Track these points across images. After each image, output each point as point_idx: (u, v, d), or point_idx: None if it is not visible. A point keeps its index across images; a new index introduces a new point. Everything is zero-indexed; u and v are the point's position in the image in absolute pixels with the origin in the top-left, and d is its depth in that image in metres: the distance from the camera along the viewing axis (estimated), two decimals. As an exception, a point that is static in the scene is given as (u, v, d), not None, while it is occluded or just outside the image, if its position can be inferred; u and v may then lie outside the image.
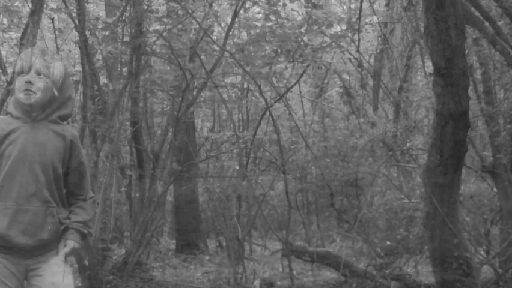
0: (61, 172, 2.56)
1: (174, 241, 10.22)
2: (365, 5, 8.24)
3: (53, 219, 2.51)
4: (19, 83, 2.53)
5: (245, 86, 9.32)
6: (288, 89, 8.08)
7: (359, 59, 8.99)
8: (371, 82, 10.84)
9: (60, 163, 2.55)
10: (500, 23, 5.58)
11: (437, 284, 5.12)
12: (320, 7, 6.85)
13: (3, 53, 9.64)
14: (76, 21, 6.27)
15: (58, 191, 2.56)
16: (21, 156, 2.47)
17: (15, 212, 2.44)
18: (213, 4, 7.43)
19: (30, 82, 2.50)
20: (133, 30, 6.69)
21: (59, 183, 2.56)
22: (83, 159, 2.66)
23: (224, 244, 8.78)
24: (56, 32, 7.15)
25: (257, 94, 8.53)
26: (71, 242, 2.56)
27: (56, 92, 2.55)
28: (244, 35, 8.89)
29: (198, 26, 7.03)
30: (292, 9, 8.09)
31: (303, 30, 6.98)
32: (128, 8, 6.76)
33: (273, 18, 7.04)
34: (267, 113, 7.32)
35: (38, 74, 2.52)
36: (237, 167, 8.65)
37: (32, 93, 2.50)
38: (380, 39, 10.37)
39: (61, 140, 2.56)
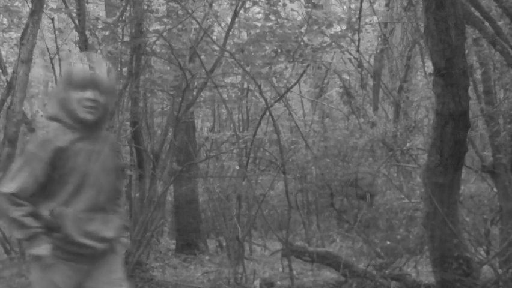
0: (115, 178, 2.65)
1: (174, 241, 10.22)
2: (365, 5, 8.24)
3: (116, 223, 2.62)
4: (78, 96, 2.48)
5: (245, 86, 9.31)
6: (288, 89, 8.08)
7: (359, 59, 8.99)
8: (371, 82, 10.84)
9: (115, 170, 2.64)
10: (500, 23, 5.58)
11: (437, 284, 5.12)
12: (320, 7, 6.85)
13: (3, 53, 9.66)
14: (76, 21, 6.28)
15: (114, 196, 2.66)
16: (86, 169, 2.51)
17: (86, 221, 2.50)
18: (213, 4, 7.43)
19: (93, 99, 2.48)
20: (133, 30, 6.69)
21: (114, 189, 2.65)
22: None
23: (224, 244, 8.78)
24: (56, 32, 7.15)
25: (257, 94, 8.53)
26: (123, 239, 2.73)
27: (111, 106, 2.62)
28: (244, 35, 8.89)
29: (198, 26, 7.03)
30: (292, 9, 8.09)
31: (303, 30, 6.98)
32: (128, 8, 6.76)
33: (273, 18, 7.04)
34: (267, 113, 7.32)
35: (101, 90, 2.49)
36: (237, 167, 8.65)
37: (94, 111, 2.49)
38: (380, 39, 10.37)
39: (110, 147, 2.63)
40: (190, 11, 6.61)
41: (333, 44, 7.49)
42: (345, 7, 12.35)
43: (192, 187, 9.82)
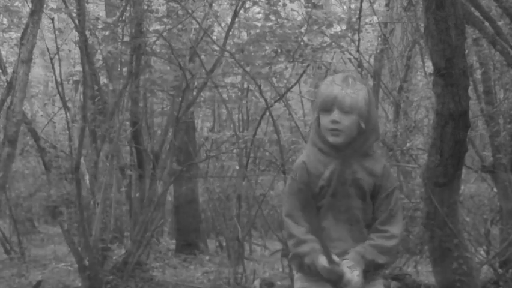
0: (368, 214, 2.42)
1: (174, 241, 10.22)
2: (365, 5, 8.23)
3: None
4: (324, 121, 2.38)
5: (245, 86, 9.31)
6: (288, 89, 8.08)
7: (359, 59, 8.97)
8: (371, 82, 10.83)
9: (367, 203, 2.42)
10: (500, 23, 5.57)
11: (437, 284, 5.11)
12: (320, 7, 6.85)
13: (3, 53, 9.66)
14: (76, 21, 6.28)
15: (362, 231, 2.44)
16: (333, 200, 2.40)
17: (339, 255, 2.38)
18: (213, 4, 7.43)
19: (336, 121, 2.35)
20: (133, 30, 6.70)
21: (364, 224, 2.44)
22: (392, 190, 2.42)
23: (224, 244, 8.78)
24: (56, 32, 7.15)
25: (257, 94, 8.53)
26: None
27: (363, 125, 2.37)
28: (244, 35, 8.89)
29: (198, 26, 7.03)
30: (292, 9, 8.09)
31: (303, 30, 6.98)
32: (128, 8, 6.76)
33: (273, 18, 7.04)
34: (267, 113, 7.32)
35: (343, 110, 2.34)
36: (237, 167, 8.65)
37: (339, 133, 2.35)
38: (380, 39, 10.36)
39: (371, 176, 2.41)
40: (190, 11, 6.61)
41: (333, 44, 7.50)
42: (345, 7, 12.34)
43: (192, 187, 9.82)
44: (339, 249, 2.39)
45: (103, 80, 7.54)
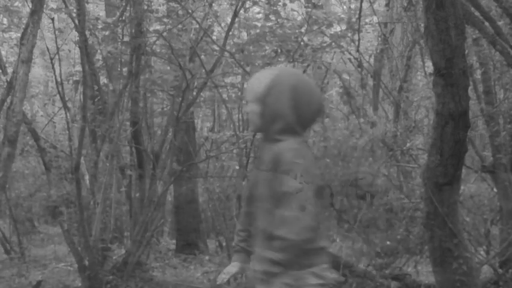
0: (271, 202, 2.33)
1: (174, 241, 10.22)
2: (365, 5, 8.23)
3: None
4: None
5: (245, 86, 9.31)
6: (288, 89, 8.06)
7: (359, 59, 8.98)
8: (371, 82, 10.83)
9: (268, 190, 2.34)
10: (500, 23, 5.58)
11: (437, 284, 5.11)
12: (320, 7, 6.86)
13: (3, 53, 9.67)
14: (76, 21, 6.28)
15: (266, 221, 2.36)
16: (251, 184, 2.51)
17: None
18: (213, 4, 7.43)
19: (247, 112, 2.47)
20: (133, 30, 6.70)
21: (269, 214, 2.34)
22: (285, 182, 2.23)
23: (224, 244, 8.77)
24: (56, 32, 7.15)
25: (257, 94, 8.52)
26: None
27: (258, 111, 2.37)
28: (244, 35, 8.89)
29: (198, 26, 7.03)
30: (292, 9, 8.09)
31: (303, 30, 6.99)
32: (128, 8, 6.76)
33: (273, 18, 7.05)
34: (267, 113, 7.30)
35: (247, 100, 2.44)
36: (237, 167, 8.65)
37: (249, 122, 2.49)
38: (380, 39, 10.37)
39: (269, 162, 2.33)
40: (190, 11, 6.62)
41: (333, 44, 7.50)
42: (345, 7, 12.35)
43: (192, 187, 9.81)
44: (256, 239, 2.50)
45: (103, 80, 7.54)
